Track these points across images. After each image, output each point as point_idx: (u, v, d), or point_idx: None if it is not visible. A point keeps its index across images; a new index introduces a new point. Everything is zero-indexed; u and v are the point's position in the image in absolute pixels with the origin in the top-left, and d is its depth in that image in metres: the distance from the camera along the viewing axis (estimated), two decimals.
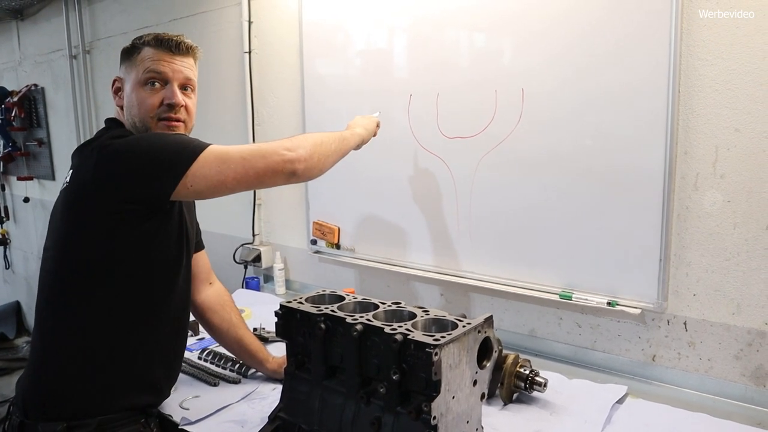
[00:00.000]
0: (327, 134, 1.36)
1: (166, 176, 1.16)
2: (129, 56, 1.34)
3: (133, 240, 1.21)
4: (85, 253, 1.20)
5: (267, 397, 1.52)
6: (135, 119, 1.33)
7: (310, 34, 2.23)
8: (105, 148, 1.19)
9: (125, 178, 1.16)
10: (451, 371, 1.07)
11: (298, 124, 2.31)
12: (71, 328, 1.22)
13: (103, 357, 1.22)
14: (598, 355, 1.68)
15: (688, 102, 1.45)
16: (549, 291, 1.71)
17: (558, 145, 1.63)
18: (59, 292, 1.23)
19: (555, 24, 1.60)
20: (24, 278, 4.95)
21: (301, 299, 1.30)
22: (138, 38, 1.35)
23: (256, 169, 1.19)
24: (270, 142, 1.24)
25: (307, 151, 1.24)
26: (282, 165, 1.21)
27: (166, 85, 1.32)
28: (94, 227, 1.19)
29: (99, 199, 1.17)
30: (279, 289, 2.47)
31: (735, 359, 1.47)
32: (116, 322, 1.23)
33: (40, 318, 1.25)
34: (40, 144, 4.24)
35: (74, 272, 1.22)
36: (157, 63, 1.31)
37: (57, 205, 1.28)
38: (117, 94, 1.38)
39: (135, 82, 1.32)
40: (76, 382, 1.21)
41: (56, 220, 1.27)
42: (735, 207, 1.42)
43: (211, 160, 1.18)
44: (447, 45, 1.84)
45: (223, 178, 1.18)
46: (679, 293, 1.52)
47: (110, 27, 3.43)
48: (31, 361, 1.28)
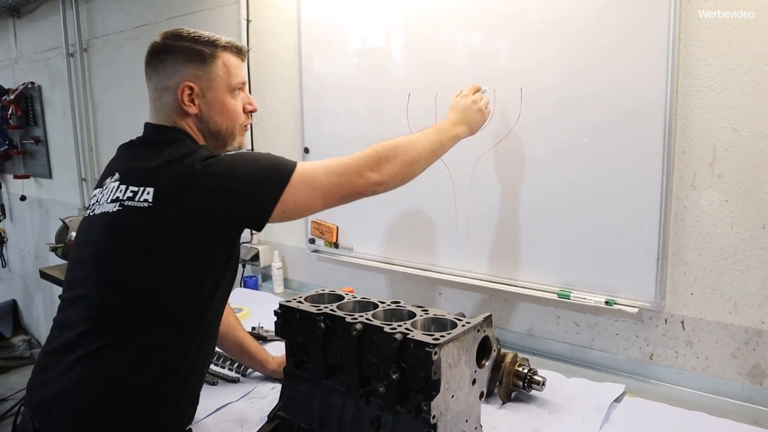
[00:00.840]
0: (421, 146, 1.35)
1: (264, 203, 1.16)
2: (203, 61, 1.24)
3: (213, 268, 1.18)
4: (165, 277, 1.13)
5: (266, 396, 1.52)
6: (221, 127, 1.28)
7: (309, 32, 2.23)
8: (203, 174, 1.13)
9: (230, 206, 1.13)
10: (450, 370, 1.07)
11: (297, 122, 2.31)
12: (134, 359, 1.12)
13: (161, 382, 1.16)
14: (596, 353, 1.69)
15: (685, 102, 1.45)
16: (547, 290, 1.71)
17: (556, 144, 1.64)
18: (122, 317, 1.13)
19: (553, 22, 1.60)
20: (20, 276, 4.94)
21: (300, 298, 1.30)
22: (205, 41, 1.26)
23: (342, 193, 1.22)
24: (356, 159, 1.24)
25: (392, 173, 1.27)
26: (365, 188, 1.24)
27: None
28: (183, 252, 1.13)
29: (195, 224, 1.12)
30: (277, 288, 2.47)
31: (732, 358, 1.47)
32: (180, 351, 1.17)
33: (82, 340, 1.13)
34: (37, 142, 4.24)
35: (149, 296, 1.13)
36: (241, 70, 1.30)
37: (118, 220, 1.15)
38: (191, 101, 1.25)
39: (224, 89, 1.27)
40: (127, 409, 1.13)
41: (119, 237, 1.15)
42: (732, 207, 1.43)
43: (301, 185, 1.18)
44: (445, 44, 1.84)
45: (312, 203, 1.21)
46: (677, 292, 1.53)
47: (108, 25, 3.42)
48: (62, 383, 1.12)
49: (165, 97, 1.26)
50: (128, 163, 1.23)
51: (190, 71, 1.24)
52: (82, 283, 1.18)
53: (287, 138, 2.37)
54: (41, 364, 1.20)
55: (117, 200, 1.16)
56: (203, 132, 1.28)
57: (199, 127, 1.27)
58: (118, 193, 1.18)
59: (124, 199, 1.15)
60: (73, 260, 1.26)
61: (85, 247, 1.21)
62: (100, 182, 1.28)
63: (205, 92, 1.25)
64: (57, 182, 4.20)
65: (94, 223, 1.20)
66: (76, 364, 1.11)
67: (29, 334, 4.97)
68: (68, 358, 1.12)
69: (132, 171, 1.20)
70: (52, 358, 1.16)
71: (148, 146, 1.25)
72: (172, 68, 1.24)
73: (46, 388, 1.15)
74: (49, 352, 1.18)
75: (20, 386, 3.94)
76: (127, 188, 1.16)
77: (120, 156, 1.30)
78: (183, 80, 1.23)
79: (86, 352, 1.11)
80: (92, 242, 1.19)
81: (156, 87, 1.27)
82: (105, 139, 3.67)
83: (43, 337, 4.76)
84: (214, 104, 1.27)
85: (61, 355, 1.14)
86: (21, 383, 4.04)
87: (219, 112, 1.27)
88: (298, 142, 2.32)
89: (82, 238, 1.25)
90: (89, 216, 1.25)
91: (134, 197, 1.14)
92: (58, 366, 1.14)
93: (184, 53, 1.24)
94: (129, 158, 1.25)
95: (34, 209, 4.53)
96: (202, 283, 1.17)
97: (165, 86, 1.25)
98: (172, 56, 1.24)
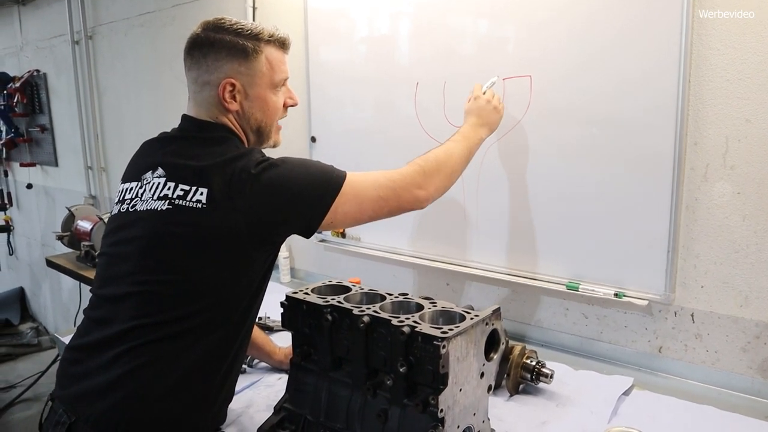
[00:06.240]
0: (457, 156, 1.40)
1: (316, 212, 1.18)
2: (246, 57, 1.21)
3: (261, 268, 1.20)
4: (216, 276, 1.13)
5: (273, 385, 1.52)
6: (260, 123, 1.27)
7: (316, 20, 2.21)
8: (258, 179, 1.13)
9: (283, 214, 1.15)
10: (458, 364, 1.06)
11: (304, 111, 2.29)
12: (182, 354, 1.13)
13: (206, 378, 1.17)
14: (605, 346, 1.68)
15: (698, 92, 1.43)
16: (556, 281, 1.70)
17: (566, 135, 1.62)
18: (173, 314, 1.13)
19: (563, 10, 1.57)
20: (27, 264, 4.96)
21: (307, 290, 1.29)
22: (248, 34, 1.22)
23: (389, 207, 1.26)
24: (403, 174, 1.28)
25: (437, 187, 1.33)
26: (412, 204, 1.29)
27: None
28: (233, 253, 1.13)
29: (247, 228, 1.12)
30: (284, 277, 2.46)
31: (742, 352, 1.46)
32: (225, 348, 1.18)
33: (128, 335, 1.12)
34: (43, 130, 4.23)
35: (200, 295, 1.13)
36: (284, 64, 1.29)
37: (169, 218, 1.14)
38: (233, 98, 1.23)
39: (267, 85, 1.25)
40: (171, 403, 1.14)
41: (171, 236, 1.14)
42: (745, 199, 1.41)
43: (351, 197, 1.20)
44: (453, 33, 1.82)
45: (360, 216, 1.24)
46: (687, 285, 1.51)
47: (113, 12, 3.39)
48: (104, 376, 1.12)
49: (206, 91, 1.24)
50: (172, 159, 1.21)
51: (232, 67, 1.21)
52: (125, 279, 1.16)
53: (294, 127, 2.35)
54: (73, 358, 1.19)
55: (166, 198, 1.15)
56: (244, 128, 1.27)
57: (240, 123, 1.26)
58: (165, 190, 1.16)
59: (174, 198, 1.14)
60: (110, 255, 1.23)
61: (128, 243, 1.18)
62: (135, 175, 1.25)
63: (247, 89, 1.24)
64: (63, 170, 4.20)
65: (139, 220, 1.18)
66: (119, 358, 1.11)
67: (37, 322, 5.00)
68: (110, 353, 1.12)
69: (180, 168, 1.18)
70: (87, 352, 1.16)
71: (193, 143, 1.23)
72: (214, 63, 1.22)
73: (83, 381, 1.14)
74: (82, 346, 1.18)
75: (28, 373, 3.99)
76: (177, 186, 1.15)
77: (158, 150, 1.27)
78: (225, 76, 1.21)
79: (131, 347, 1.11)
80: (138, 238, 1.17)
81: (196, 80, 1.25)
82: (110, 127, 3.66)
83: (50, 325, 4.79)
84: (255, 101, 1.25)
85: (99, 350, 1.14)
86: (29, 370, 4.09)
87: (260, 109, 1.27)
88: (305, 131, 2.31)
89: (120, 234, 1.21)
90: (127, 211, 1.21)
91: (185, 196, 1.14)
92: (96, 360, 1.13)
93: (227, 48, 1.21)
94: (171, 154, 1.22)
95: (40, 197, 4.53)
96: (249, 283, 1.19)
97: (206, 81, 1.23)
98: (214, 50, 1.21)
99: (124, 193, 1.25)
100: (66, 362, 1.21)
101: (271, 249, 1.21)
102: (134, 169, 1.27)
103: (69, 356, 1.21)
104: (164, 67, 3.04)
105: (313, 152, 2.29)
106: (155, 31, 3.07)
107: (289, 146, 2.38)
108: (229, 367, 1.21)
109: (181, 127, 1.28)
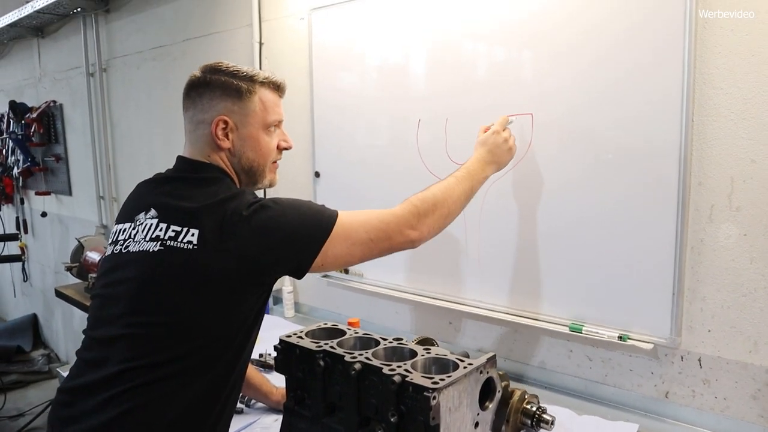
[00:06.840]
0: (456, 195, 1.37)
1: (306, 254, 1.17)
2: (240, 96, 1.24)
3: (252, 309, 1.19)
4: (208, 317, 1.13)
5: (269, 427, 1.50)
6: (252, 163, 1.28)
7: (320, 56, 2.22)
8: (248, 221, 1.13)
9: (274, 255, 1.15)
10: (450, 414, 1.04)
11: (308, 146, 2.30)
12: (175, 396, 1.12)
13: (198, 420, 1.15)
14: (609, 389, 1.63)
15: (702, 132, 1.41)
16: (559, 323, 1.66)
17: (568, 174, 1.60)
18: (165, 356, 1.12)
19: (567, 51, 1.57)
20: (41, 291, 5.00)
21: (301, 333, 1.28)
22: (243, 76, 1.25)
23: (380, 248, 1.24)
24: (395, 215, 1.26)
25: (431, 228, 1.30)
26: (403, 245, 1.27)
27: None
28: (224, 294, 1.13)
29: (237, 270, 1.12)
30: (288, 312, 2.45)
31: (752, 399, 1.41)
32: (217, 389, 1.17)
33: (120, 378, 1.11)
34: (58, 159, 4.30)
35: (191, 336, 1.13)
36: (279, 107, 1.30)
37: (160, 260, 1.14)
38: (225, 135, 1.24)
39: (260, 125, 1.27)
40: None
41: (162, 277, 1.14)
42: (752, 241, 1.37)
43: (341, 239, 1.19)
44: (456, 71, 1.82)
45: (350, 258, 1.23)
46: (694, 329, 1.47)
47: (126, 46, 3.46)
48: (97, 419, 1.10)
49: (200, 130, 1.26)
50: (165, 200, 1.21)
51: (225, 105, 1.24)
52: (118, 321, 1.16)
53: (298, 163, 2.36)
54: (64, 400, 1.18)
55: (157, 239, 1.15)
56: (235, 167, 1.28)
57: (231, 161, 1.27)
58: (158, 231, 1.16)
59: (166, 239, 1.14)
60: (102, 297, 1.23)
61: (120, 284, 1.18)
62: (129, 216, 1.25)
63: (239, 127, 1.25)
64: (76, 199, 4.25)
65: (131, 261, 1.18)
66: (111, 400, 1.10)
67: (48, 348, 5.02)
68: (102, 395, 1.11)
69: (172, 209, 1.18)
70: (79, 394, 1.15)
71: (186, 183, 1.23)
72: (209, 102, 1.24)
73: (75, 425, 1.13)
74: (74, 389, 1.17)
75: (39, 401, 3.99)
76: (168, 227, 1.15)
77: (152, 190, 1.27)
78: (218, 114, 1.23)
79: (124, 389, 1.10)
80: (129, 279, 1.17)
81: (192, 120, 1.27)
82: (122, 158, 3.71)
83: (62, 352, 4.81)
84: (247, 140, 1.26)
85: (91, 393, 1.13)
86: (40, 397, 4.10)
87: (252, 149, 1.27)
88: (309, 166, 2.31)
89: (113, 275, 1.21)
90: (120, 252, 1.21)
91: (177, 237, 1.14)
92: (89, 402, 1.12)
93: (221, 87, 1.24)
94: (165, 195, 1.22)
95: (54, 225, 4.59)
96: (241, 323, 1.17)
97: (200, 119, 1.25)
98: (209, 90, 1.24)
99: (118, 234, 1.25)
100: (58, 405, 1.20)
101: (262, 290, 1.20)
102: (128, 209, 1.28)
103: (61, 399, 1.19)
104: (175, 99, 3.03)
105: (317, 187, 2.29)
106: (167, 65, 3.13)
107: (294, 180, 2.40)
108: (221, 407, 1.19)
109: (176, 167, 1.29)
